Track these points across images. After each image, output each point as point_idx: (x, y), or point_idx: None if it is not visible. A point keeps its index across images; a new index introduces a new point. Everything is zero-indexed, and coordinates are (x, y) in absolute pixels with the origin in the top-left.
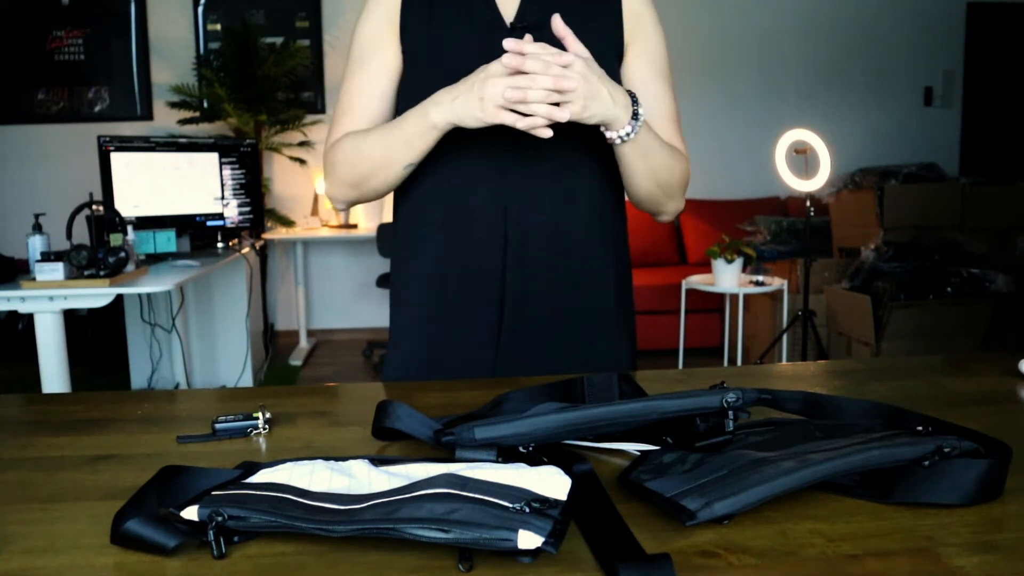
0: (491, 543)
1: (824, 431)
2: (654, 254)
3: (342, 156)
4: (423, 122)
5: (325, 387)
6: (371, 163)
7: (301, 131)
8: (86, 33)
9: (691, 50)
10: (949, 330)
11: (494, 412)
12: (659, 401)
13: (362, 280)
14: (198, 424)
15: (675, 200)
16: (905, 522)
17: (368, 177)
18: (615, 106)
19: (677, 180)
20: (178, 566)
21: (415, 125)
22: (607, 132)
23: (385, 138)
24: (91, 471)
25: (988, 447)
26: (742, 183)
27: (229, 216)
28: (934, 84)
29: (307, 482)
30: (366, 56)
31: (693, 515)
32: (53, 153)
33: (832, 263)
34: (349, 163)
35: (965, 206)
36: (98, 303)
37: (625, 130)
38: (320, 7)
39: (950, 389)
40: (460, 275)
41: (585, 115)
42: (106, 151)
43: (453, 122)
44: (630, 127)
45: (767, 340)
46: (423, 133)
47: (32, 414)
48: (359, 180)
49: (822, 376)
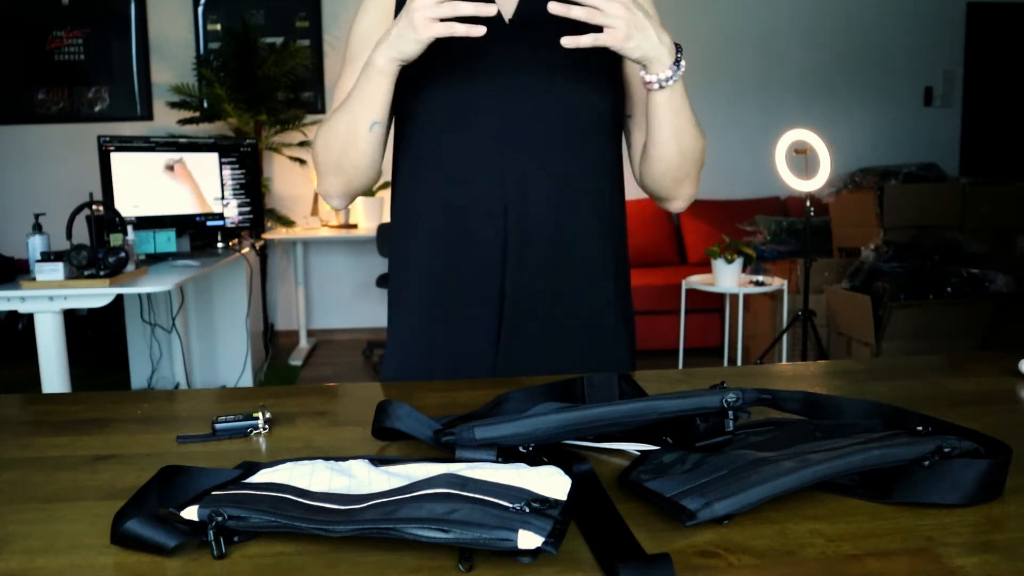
0: (491, 543)
1: (824, 431)
2: (654, 254)
3: (319, 145)
4: (370, 71)
5: (325, 387)
6: (339, 137)
7: (301, 131)
8: (86, 33)
9: (691, 50)
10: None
11: (494, 412)
12: (659, 401)
13: (362, 280)
14: (198, 424)
15: (690, 180)
16: (905, 522)
17: (343, 155)
18: (660, 45)
19: (699, 152)
20: (178, 566)
21: (364, 79)
22: (647, 75)
23: (344, 107)
24: (91, 471)
25: (988, 447)
26: (742, 183)
27: (229, 216)
28: (934, 84)
29: (307, 482)
30: (360, 55)
31: (693, 515)
32: (53, 153)
33: (832, 263)
34: (324, 148)
35: (965, 206)
36: (98, 303)
37: (666, 74)
38: (320, 7)
39: (950, 389)
40: (459, 274)
41: (629, 45)
42: (106, 151)
43: (394, 57)
44: (672, 71)
45: (767, 340)
46: (373, 81)
47: (32, 414)
48: (337, 162)
49: (822, 376)
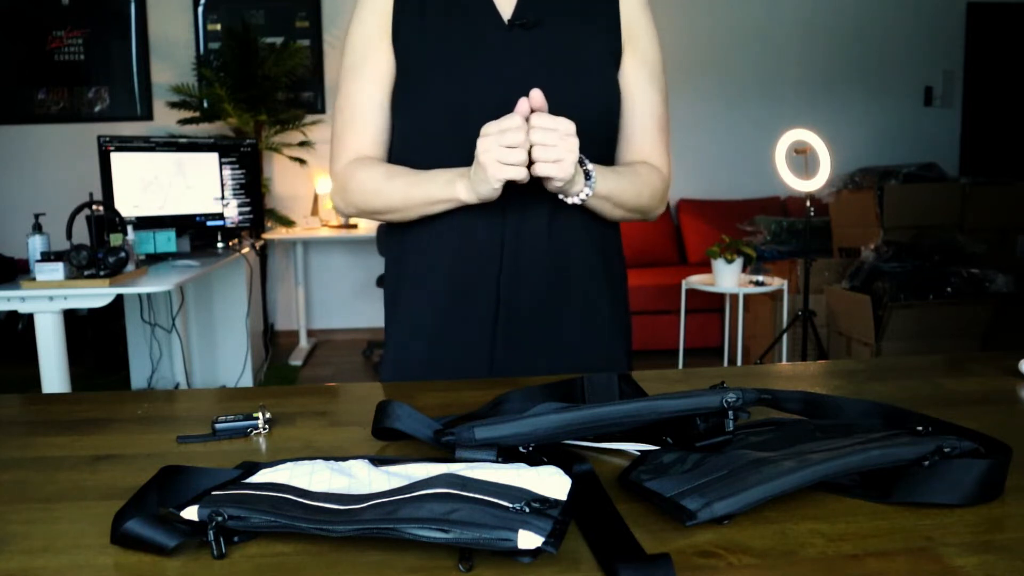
0: (491, 543)
1: (824, 431)
2: (654, 254)
3: (358, 188)
4: (448, 192)
5: (325, 387)
6: (389, 205)
7: (301, 131)
8: (86, 33)
9: (691, 50)
10: (949, 330)
11: (494, 412)
12: (659, 401)
13: (362, 280)
14: (198, 424)
15: (653, 213)
16: (905, 522)
17: (382, 213)
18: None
19: (647, 202)
20: (178, 566)
21: (442, 193)
22: (567, 199)
23: (409, 190)
24: (91, 471)
25: (988, 447)
26: (742, 183)
27: (229, 216)
28: (934, 84)
29: (307, 482)
30: (359, 62)
31: (693, 515)
32: (53, 153)
33: (832, 263)
34: (366, 198)
35: (965, 206)
36: (98, 303)
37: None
38: (320, 7)
39: (950, 389)
40: (457, 274)
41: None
42: (106, 151)
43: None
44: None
45: (767, 340)
46: (449, 202)
47: (32, 414)
48: (372, 212)
49: (822, 376)
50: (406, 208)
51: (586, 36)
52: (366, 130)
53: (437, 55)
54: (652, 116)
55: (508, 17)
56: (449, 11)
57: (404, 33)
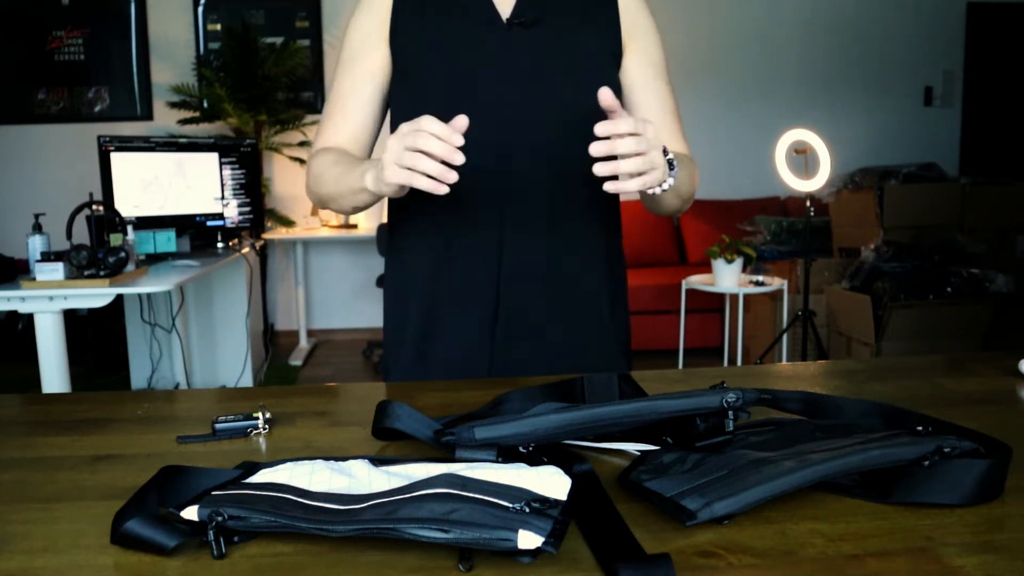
0: (491, 543)
1: (824, 431)
2: (654, 254)
3: (313, 174)
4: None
5: (325, 387)
6: (329, 192)
7: (301, 131)
8: (86, 33)
9: (691, 50)
10: (949, 330)
11: (494, 412)
12: (659, 401)
13: (362, 280)
14: (198, 424)
15: (690, 202)
16: (905, 522)
17: (327, 201)
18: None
19: (692, 189)
20: (178, 566)
21: (358, 182)
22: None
23: (339, 178)
24: (91, 471)
25: (988, 447)
26: (742, 183)
27: (229, 216)
28: (934, 84)
29: (307, 482)
30: (354, 58)
31: (693, 515)
32: (53, 153)
33: (832, 263)
34: (316, 184)
35: (965, 206)
36: (98, 303)
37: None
38: (320, 7)
39: (950, 389)
40: (456, 274)
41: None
42: (106, 151)
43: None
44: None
45: (767, 340)
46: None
47: (32, 414)
48: (323, 199)
49: (822, 376)
50: (340, 196)
51: (585, 35)
52: (345, 124)
53: (436, 54)
54: (665, 108)
55: (507, 16)
56: (448, 10)
57: (403, 32)
